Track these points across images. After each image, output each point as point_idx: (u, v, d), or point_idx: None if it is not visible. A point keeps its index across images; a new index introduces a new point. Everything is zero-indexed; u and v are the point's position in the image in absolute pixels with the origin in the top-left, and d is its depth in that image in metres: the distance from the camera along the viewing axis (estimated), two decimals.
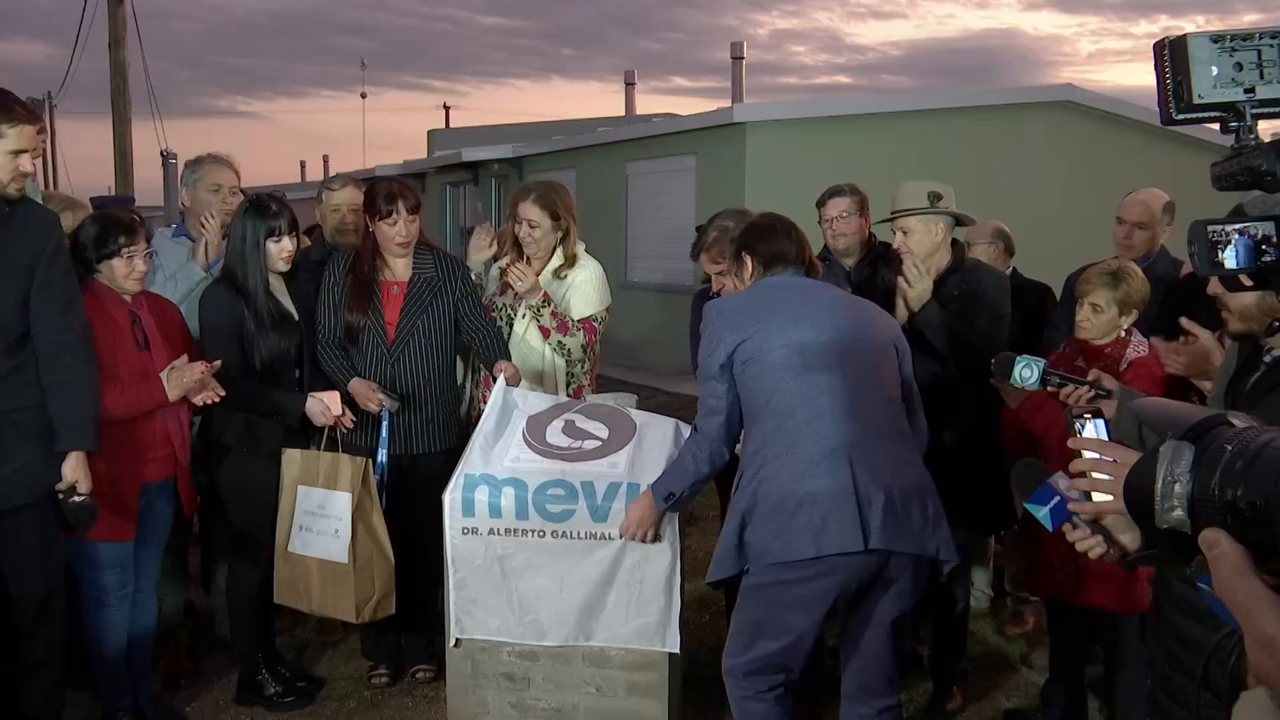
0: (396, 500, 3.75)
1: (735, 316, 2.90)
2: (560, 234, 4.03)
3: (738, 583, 3.96)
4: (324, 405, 3.62)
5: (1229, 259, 1.44)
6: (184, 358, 3.41)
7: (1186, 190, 4.21)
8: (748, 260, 3.04)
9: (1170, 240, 4.14)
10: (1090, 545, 1.48)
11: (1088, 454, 1.40)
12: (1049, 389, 2.74)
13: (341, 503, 3.55)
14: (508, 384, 3.60)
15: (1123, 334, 3.31)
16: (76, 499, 3.01)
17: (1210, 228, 1.45)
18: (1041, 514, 1.48)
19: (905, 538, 2.75)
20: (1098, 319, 3.30)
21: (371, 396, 3.73)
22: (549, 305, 3.95)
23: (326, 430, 3.65)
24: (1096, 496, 1.39)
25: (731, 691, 2.93)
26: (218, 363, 3.40)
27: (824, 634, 3.41)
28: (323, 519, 3.58)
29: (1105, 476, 1.38)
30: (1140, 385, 2.87)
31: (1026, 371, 2.67)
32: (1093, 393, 2.57)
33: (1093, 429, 1.49)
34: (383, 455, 3.77)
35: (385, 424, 3.77)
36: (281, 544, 3.63)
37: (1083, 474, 1.41)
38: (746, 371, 2.84)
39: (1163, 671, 2.34)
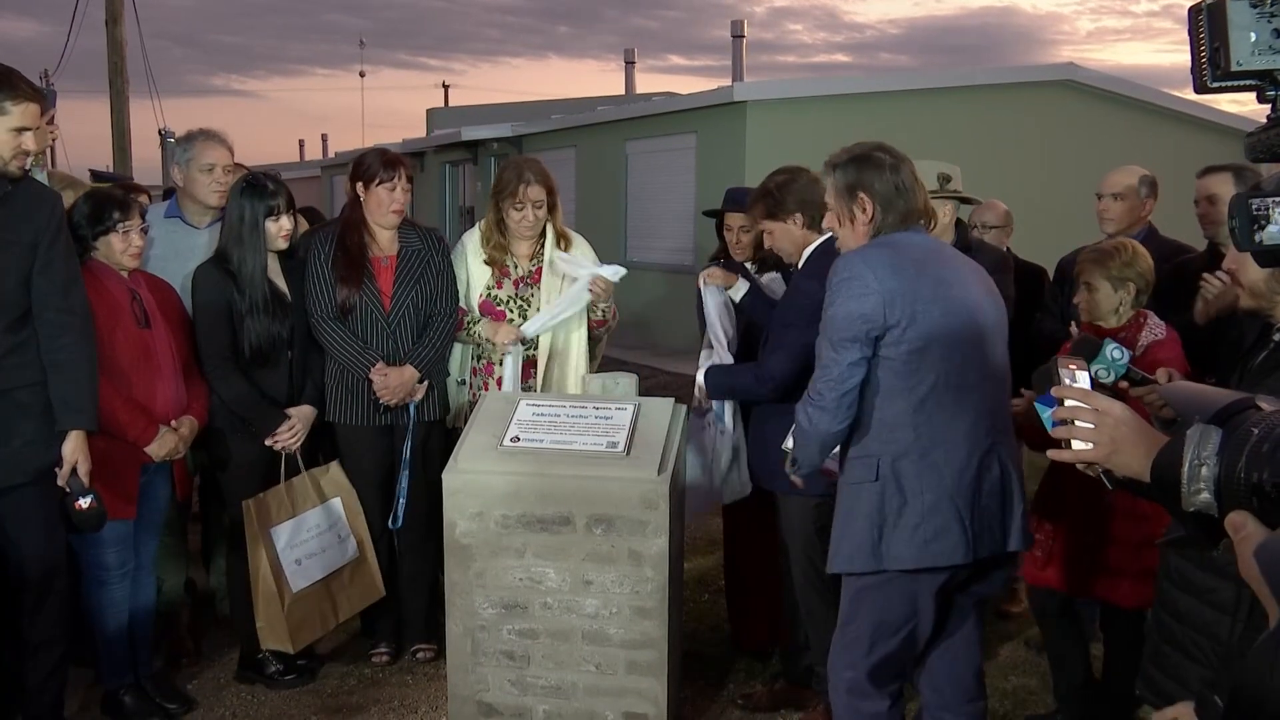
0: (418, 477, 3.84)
1: (892, 281, 2.53)
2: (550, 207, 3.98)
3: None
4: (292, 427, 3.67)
5: (1271, 233, 1.38)
6: (187, 422, 3.49)
7: (1188, 170, 4.19)
8: (869, 206, 2.68)
9: (1151, 214, 4.13)
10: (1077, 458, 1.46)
11: (1070, 402, 1.40)
12: (1130, 382, 2.59)
13: (336, 508, 3.74)
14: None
15: (1123, 310, 3.21)
16: (83, 503, 3.02)
17: (1252, 201, 1.39)
18: (1045, 415, 1.50)
19: (1023, 537, 2.68)
20: (1095, 298, 3.21)
21: (418, 390, 3.79)
22: (601, 342, 4.08)
23: (284, 458, 3.66)
24: (1076, 445, 1.39)
25: (857, 707, 2.71)
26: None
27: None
28: (323, 535, 3.70)
29: (1087, 425, 1.38)
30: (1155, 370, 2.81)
31: (1117, 353, 2.58)
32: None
33: (1080, 378, 1.49)
34: (409, 439, 3.83)
35: (413, 404, 3.82)
36: (273, 593, 3.54)
37: (1066, 422, 1.41)
38: (898, 349, 2.54)
39: (1155, 644, 2.35)
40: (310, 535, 3.66)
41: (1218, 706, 1.36)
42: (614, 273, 3.89)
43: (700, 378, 3.51)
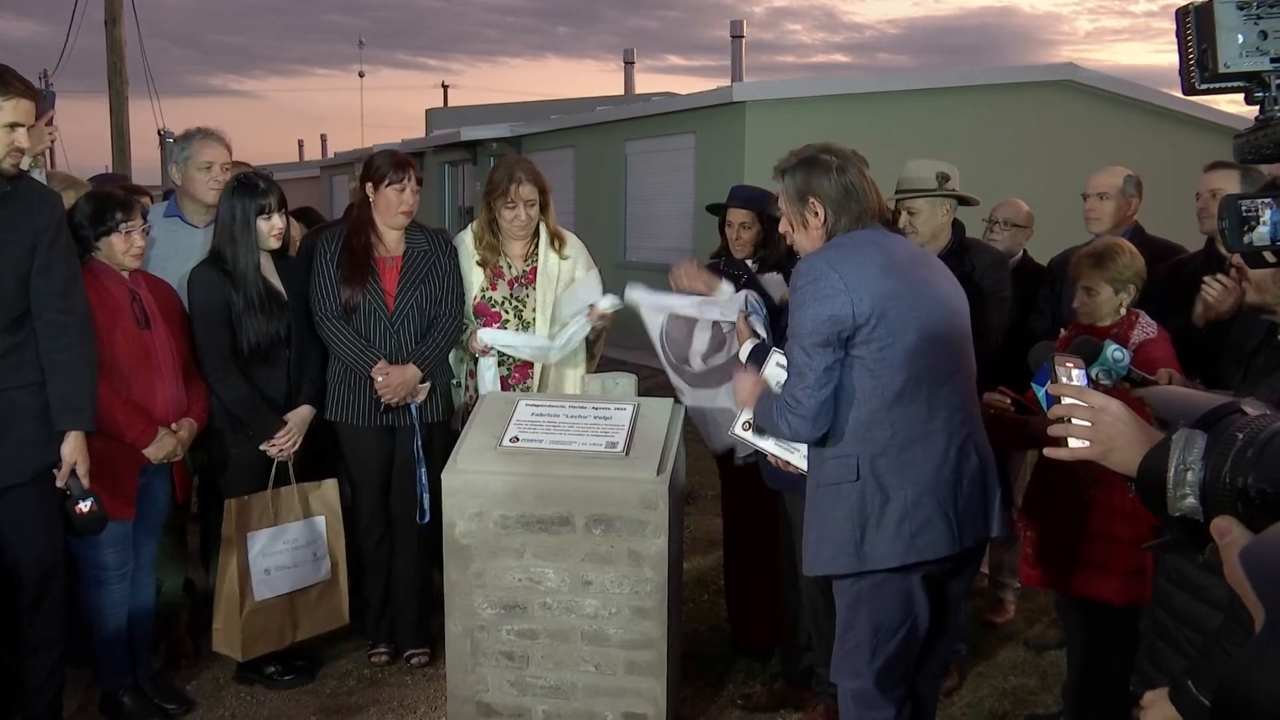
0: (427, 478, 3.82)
1: (856, 280, 2.50)
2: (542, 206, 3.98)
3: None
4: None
5: (1261, 234, 1.38)
6: (185, 429, 3.48)
7: (1187, 169, 4.19)
8: (820, 209, 2.65)
9: (1137, 213, 4.13)
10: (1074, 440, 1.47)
11: (1066, 400, 1.40)
12: (1130, 384, 2.54)
13: (318, 527, 3.73)
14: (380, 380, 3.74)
15: (1121, 311, 3.22)
16: (84, 507, 3.01)
17: (1242, 203, 1.40)
18: (1041, 393, 1.50)
19: (1002, 521, 2.74)
20: (1094, 301, 3.22)
21: (420, 390, 3.77)
22: (599, 342, 4.06)
23: (275, 465, 3.66)
24: (1073, 443, 1.39)
25: (865, 717, 2.68)
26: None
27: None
28: (298, 550, 3.68)
29: (1083, 422, 1.38)
30: (1150, 369, 2.81)
31: (1119, 355, 2.57)
32: None
33: (1075, 376, 1.49)
34: (417, 437, 3.82)
35: (414, 405, 3.82)
36: (235, 597, 3.54)
37: (1061, 420, 1.41)
38: (869, 347, 2.52)
39: (1150, 641, 2.35)
40: (285, 548, 3.65)
41: (1191, 693, 1.36)
42: (611, 304, 3.86)
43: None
